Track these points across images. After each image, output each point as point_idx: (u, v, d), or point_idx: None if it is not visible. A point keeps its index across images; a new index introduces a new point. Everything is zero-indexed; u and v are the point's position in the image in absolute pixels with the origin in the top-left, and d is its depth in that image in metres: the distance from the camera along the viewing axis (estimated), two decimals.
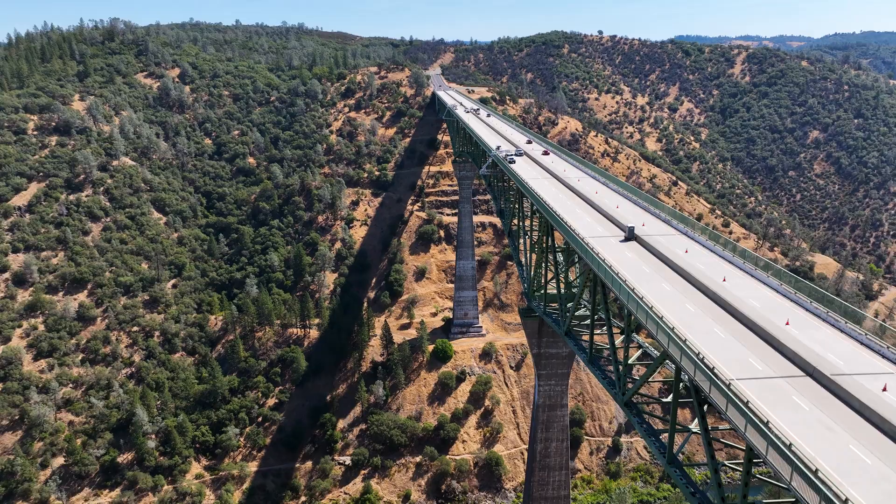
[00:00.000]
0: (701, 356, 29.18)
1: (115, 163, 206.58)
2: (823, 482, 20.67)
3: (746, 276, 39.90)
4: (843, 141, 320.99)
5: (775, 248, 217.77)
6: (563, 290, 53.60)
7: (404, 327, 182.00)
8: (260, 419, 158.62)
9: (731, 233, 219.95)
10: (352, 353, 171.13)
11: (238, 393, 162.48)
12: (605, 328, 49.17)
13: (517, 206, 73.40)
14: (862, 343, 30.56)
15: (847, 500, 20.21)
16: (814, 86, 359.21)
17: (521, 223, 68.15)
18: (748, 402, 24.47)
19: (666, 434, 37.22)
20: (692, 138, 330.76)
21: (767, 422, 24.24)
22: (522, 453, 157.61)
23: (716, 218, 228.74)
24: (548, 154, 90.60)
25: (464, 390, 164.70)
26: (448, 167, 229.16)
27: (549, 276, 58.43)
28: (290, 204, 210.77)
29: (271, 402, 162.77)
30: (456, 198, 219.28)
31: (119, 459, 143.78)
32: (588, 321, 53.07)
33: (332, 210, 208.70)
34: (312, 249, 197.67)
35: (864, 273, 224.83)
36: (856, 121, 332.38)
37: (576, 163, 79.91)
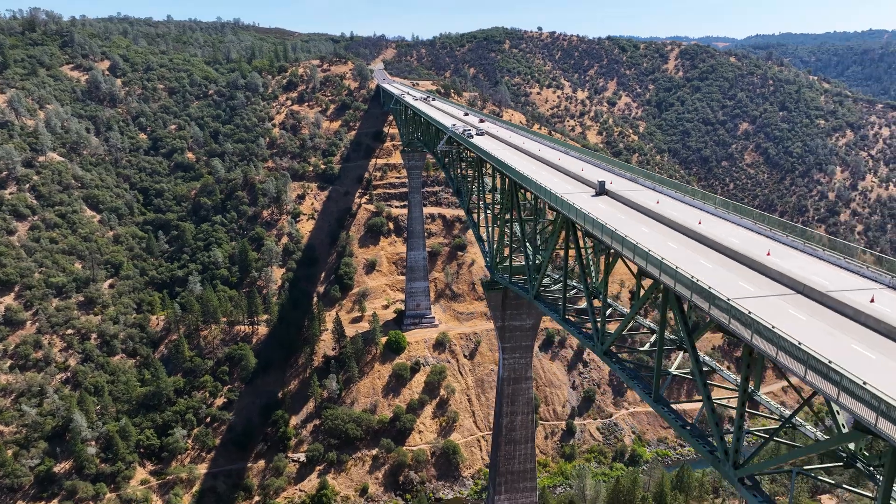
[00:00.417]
0: (695, 279, 29.21)
1: (41, 158, 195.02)
2: (838, 372, 21.11)
3: (721, 220, 40.76)
4: (771, 132, 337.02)
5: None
6: (530, 255, 53.54)
7: (356, 320, 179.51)
8: (208, 419, 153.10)
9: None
10: (303, 349, 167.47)
11: (184, 394, 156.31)
12: (574, 292, 49.39)
13: (476, 183, 73.11)
14: (841, 266, 31.60)
15: (865, 382, 20.74)
16: (742, 80, 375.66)
17: (482, 198, 67.81)
18: (750, 312, 24.47)
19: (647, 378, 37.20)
20: (631, 131, 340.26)
21: (773, 326, 24.25)
22: (479, 441, 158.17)
23: None
24: (506, 130, 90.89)
25: (418, 381, 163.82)
26: (395, 159, 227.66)
27: (516, 244, 58.46)
28: (234, 199, 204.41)
29: (220, 401, 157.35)
30: (404, 190, 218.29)
31: (56, 469, 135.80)
32: (554, 287, 53.31)
33: (278, 204, 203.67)
34: (258, 245, 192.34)
35: None
36: (781, 113, 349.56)
37: (533, 136, 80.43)
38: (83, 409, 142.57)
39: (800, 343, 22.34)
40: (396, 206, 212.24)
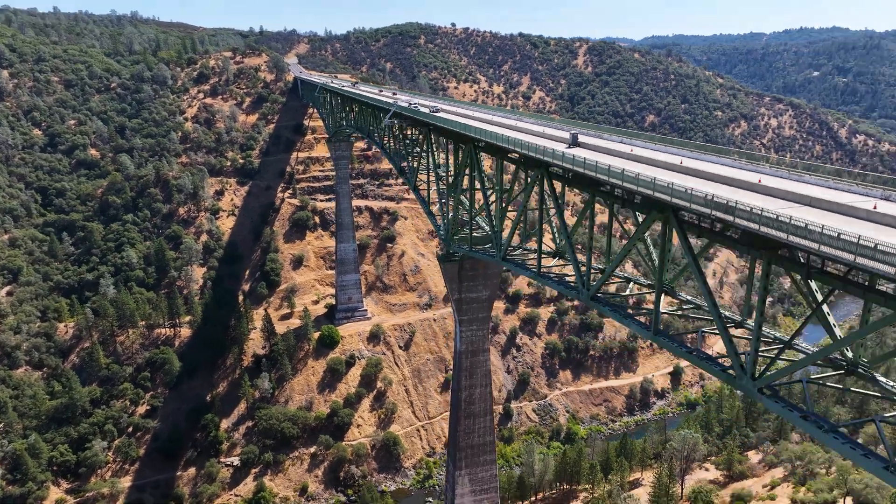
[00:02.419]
0: (714, 196, 28.36)
1: None
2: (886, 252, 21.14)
3: (701, 161, 41.66)
4: (675, 123, 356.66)
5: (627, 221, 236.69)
6: (494, 220, 53.23)
7: (285, 317, 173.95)
8: (130, 429, 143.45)
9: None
10: (231, 349, 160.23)
11: (102, 404, 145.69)
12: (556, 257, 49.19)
13: (427, 158, 72.16)
14: (831, 187, 32.86)
15: None
16: (646, 75, 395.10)
17: (433, 172, 66.87)
18: (778, 216, 24.19)
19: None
20: None
21: (807, 224, 24.02)
22: (419, 430, 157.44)
23: (574, 195, 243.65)
24: (452, 107, 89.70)
25: (354, 374, 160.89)
26: (318, 152, 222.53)
27: (477, 212, 57.97)
28: (146, 196, 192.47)
29: (142, 409, 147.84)
30: (329, 183, 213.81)
31: None
32: (517, 251, 53.40)
33: (195, 201, 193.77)
34: (176, 243, 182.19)
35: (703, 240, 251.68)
36: (682, 105, 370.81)
37: (483, 109, 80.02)
38: None
39: (839, 233, 22.27)
40: (321, 200, 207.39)
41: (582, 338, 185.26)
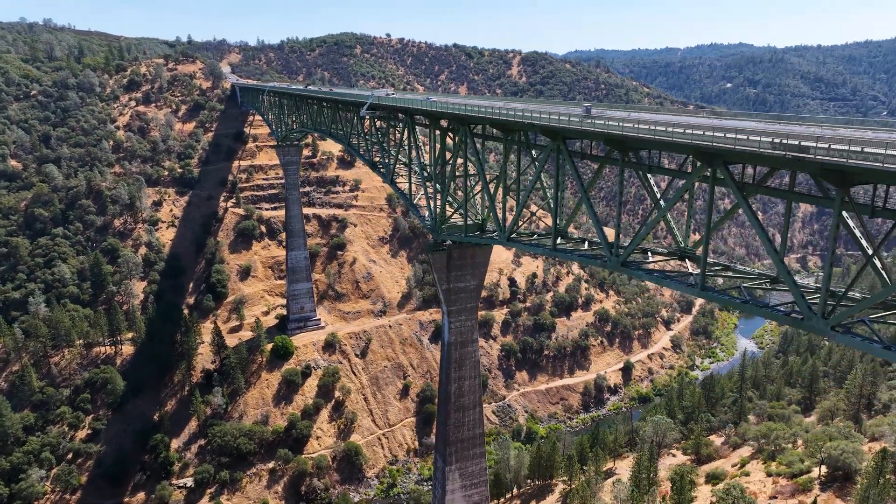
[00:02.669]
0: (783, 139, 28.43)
1: None
2: None
3: (725, 120, 42.40)
4: None
5: (571, 225, 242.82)
6: (492, 201, 52.67)
7: (235, 329, 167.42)
8: (70, 455, 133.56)
9: (532, 213, 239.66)
10: (178, 365, 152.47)
11: (37, 430, 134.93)
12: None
13: (403, 149, 71.06)
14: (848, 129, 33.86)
15: None
16: (578, 84, 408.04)
17: (416, 163, 65.66)
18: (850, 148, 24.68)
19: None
20: None
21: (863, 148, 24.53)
22: (380, 439, 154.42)
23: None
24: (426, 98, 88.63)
25: (311, 385, 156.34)
26: (261, 160, 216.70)
27: (472, 195, 57.14)
28: (77, 208, 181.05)
29: (82, 433, 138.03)
30: (274, 192, 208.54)
31: None
32: (514, 233, 53.07)
33: (132, 212, 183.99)
34: (113, 257, 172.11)
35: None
36: None
37: (465, 98, 79.22)
38: None
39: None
40: (267, 209, 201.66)
41: (536, 338, 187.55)
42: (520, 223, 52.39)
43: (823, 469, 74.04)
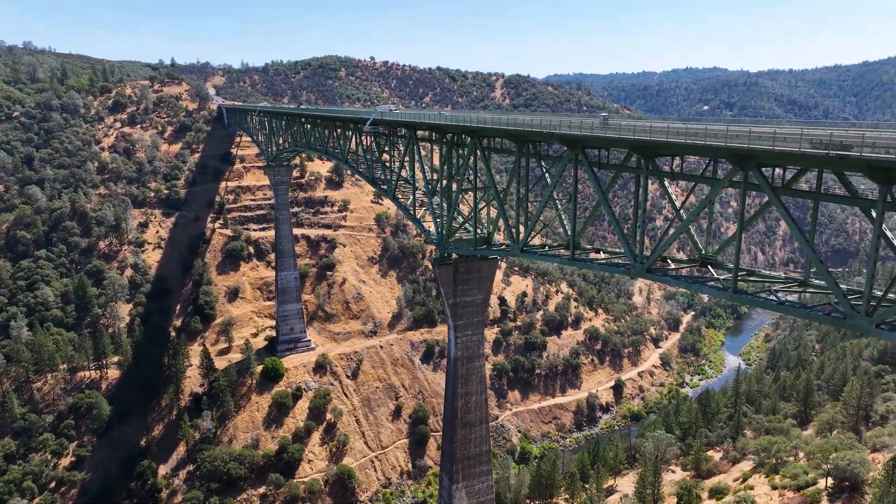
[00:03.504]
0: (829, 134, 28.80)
1: None
2: None
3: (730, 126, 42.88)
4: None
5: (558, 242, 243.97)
6: (505, 211, 52.60)
7: (223, 352, 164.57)
8: (54, 484, 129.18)
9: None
10: (166, 388, 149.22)
11: (18, 458, 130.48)
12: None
13: (404, 163, 70.95)
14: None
15: None
16: (561, 106, 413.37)
17: (423, 176, 65.59)
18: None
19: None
20: None
21: None
22: (372, 461, 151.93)
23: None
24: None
25: (302, 407, 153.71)
26: (248, 181, 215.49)
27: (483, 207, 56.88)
28: (61, 230, 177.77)
29: (66, 461, 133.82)
30: (262, 212, 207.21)
31: None
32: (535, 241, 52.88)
33: (118, 234, 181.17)
34: (98, 279, 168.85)
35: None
36: None
37: (466, 113, 79.90)
38: None
39: None
40: (255, 230, 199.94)
41: (528, 357, 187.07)
42: (531, 234, 52.34)
43: (830, 480, 74.09)
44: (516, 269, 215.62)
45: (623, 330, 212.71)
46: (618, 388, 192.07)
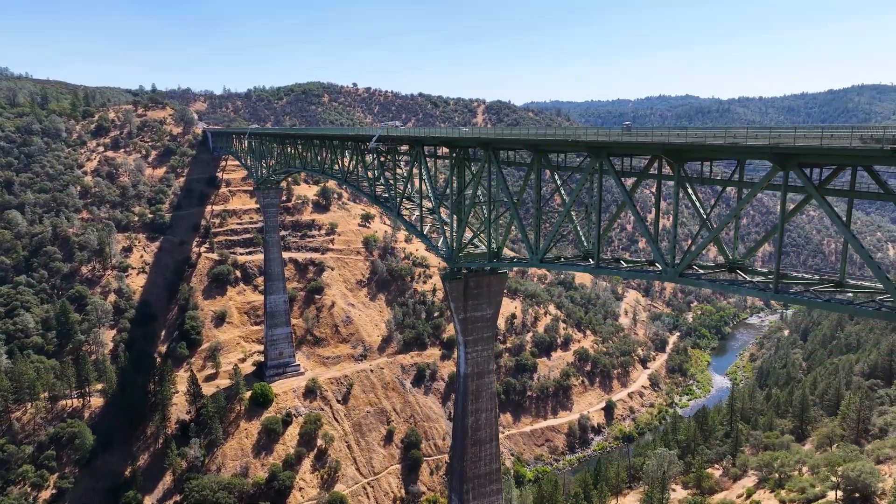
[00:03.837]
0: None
1: None
2: None
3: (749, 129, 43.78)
4: None
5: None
6: (522, 223, 52.45)
7: (211, 378, 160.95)
8: None
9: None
10: (151, 416, 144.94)
11: None
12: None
13: (406, 179, 70.72)
14: None
15: None
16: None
17: (429, 191, 65.37)
18: None
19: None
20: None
21: None
22: (365, 488, 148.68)
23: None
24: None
25: (292, 433, 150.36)
26: (234, 205, 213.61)
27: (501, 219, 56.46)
28: (42, 255, 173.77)
29: (47, 493, 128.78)
30: (248, 236, 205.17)
31: None
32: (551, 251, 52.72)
33: (101, 258, 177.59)
34: (80, 305, 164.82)
35: (611, 281, 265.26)
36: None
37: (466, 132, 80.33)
38: None
39: None
40: (242, 254, 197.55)
41: (518, 379, 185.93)
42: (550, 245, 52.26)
43: (839, 493, 74.16)
44: (505, 290, 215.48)
45: (612, 351, 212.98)
46: (609, 410, 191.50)
